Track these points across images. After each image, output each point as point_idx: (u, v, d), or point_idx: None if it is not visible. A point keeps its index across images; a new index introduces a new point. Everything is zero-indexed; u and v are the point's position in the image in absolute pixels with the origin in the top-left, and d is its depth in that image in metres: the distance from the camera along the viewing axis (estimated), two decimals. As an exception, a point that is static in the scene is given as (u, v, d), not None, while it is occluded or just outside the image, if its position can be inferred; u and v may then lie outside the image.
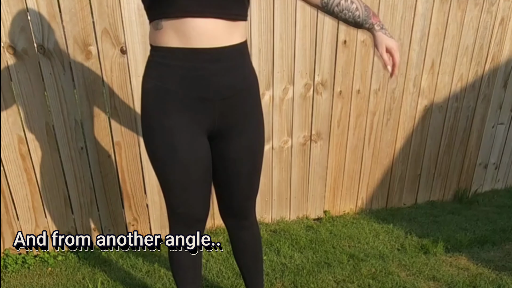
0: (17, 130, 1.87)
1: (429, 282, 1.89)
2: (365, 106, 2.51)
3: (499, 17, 2.63)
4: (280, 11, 2.12)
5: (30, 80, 1.82)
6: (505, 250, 2.21)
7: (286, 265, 2.04)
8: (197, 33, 1.01)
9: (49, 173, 1.99)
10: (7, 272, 1.94)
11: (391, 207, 2.89)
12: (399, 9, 2.35)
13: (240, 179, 1.25)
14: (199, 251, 1.32)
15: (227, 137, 1.18)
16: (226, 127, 1.16)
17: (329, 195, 2.68)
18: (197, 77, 1.06)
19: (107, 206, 2.15)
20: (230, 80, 1.10)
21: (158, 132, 1.11)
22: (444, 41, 2.55)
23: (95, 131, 2.00)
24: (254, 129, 1.22)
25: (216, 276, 1.93)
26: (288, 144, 2.43)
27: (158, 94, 1.09)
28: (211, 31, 1.02)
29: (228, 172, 1.23)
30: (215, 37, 1.03)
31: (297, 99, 2.34)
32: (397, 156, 2.75)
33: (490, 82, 2.82)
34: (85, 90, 1.92)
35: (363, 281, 1.88)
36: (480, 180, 3.16)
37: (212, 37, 1.02)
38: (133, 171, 2.14)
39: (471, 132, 2.92)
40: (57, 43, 1.81)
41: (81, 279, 1.90)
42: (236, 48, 1.08)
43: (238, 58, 1.11)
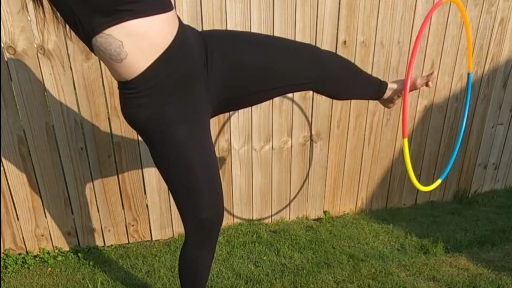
0: (17, 130, 1.87)
1: (429, 282, 1.89)
2: (365, 106, 2.51)
3: (499, 17, 2.63)
4: (280, 11, 2.12)
5: (30, 80, 1.82)
6: (505, 250, 2.21)
7: (286, 265, 2.04)
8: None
9: (49, 173, 1.99)
10: (7, 272, 1.94)
11: (391, 207, 2.89)
12: (399, 9, 2.35)
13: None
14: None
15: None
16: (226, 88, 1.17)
17: (329, 195, 2.68)
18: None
19: (107, 206, 2.15)
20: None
21: (183, 139, 1.10)
22: (444, 41, 2.55)
23: (95, 131, 2.00)
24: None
25: (216, 276, 1.93)
26: (288, 144, 2.43)
27: (162, 111, 1.09)
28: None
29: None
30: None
31: (297, 99, 2.34)
32: (397, 156, 2.75)
33: (490, 82, 2.82)
34: (85, 90, 1.92)
35: (363, 282, 1.88)
36: (479, 180, 3.16)
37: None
38: (133, 171, 2.14)
39: (471, 132, 2.92)
40: (57, 43, 1.81)
41: (81, 279, 1.90)
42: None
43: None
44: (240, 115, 2.25)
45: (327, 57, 1.37)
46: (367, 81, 1.47)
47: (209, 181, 1.16)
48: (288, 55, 1.24)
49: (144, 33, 0.97)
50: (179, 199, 1.19)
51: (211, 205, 1.19)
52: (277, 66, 1.22)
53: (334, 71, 1.35)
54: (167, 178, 1.17)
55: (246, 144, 2.34)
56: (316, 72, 1.30)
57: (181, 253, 1.29)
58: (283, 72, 1.24)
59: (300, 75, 1.28)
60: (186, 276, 1.33)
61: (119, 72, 1.02)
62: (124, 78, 1.04)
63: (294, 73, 1.26)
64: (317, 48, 1.39)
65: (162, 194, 2.24)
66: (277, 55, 1.22)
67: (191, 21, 1.95)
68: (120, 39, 0.96)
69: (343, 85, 1.41)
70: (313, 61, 1.29)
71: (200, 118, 1.14)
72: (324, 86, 1.36)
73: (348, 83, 1.42)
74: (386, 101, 1.55)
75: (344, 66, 1.41)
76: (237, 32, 1.29)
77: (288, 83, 1.28)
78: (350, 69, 1.43)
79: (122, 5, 0.93)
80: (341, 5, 2.22)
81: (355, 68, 1.45)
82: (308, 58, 1.28)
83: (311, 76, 1.30)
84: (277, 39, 1.43)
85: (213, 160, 1.18)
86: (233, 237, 2.30)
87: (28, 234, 2.05)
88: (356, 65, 1.49)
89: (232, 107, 1.39)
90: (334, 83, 1.37)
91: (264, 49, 1.21)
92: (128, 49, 0.97)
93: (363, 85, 1.46)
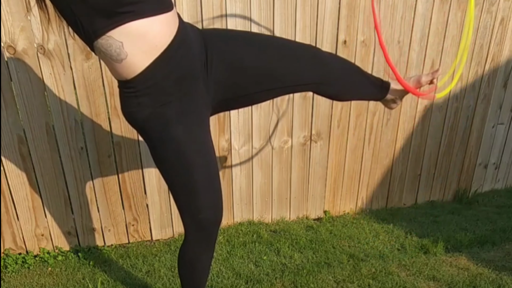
0: (17, 130, 1.87)
1: (429, 282, 1.89)
2: (365, 106, 2.51)
3: (499, 17, 2.63)
4: (280, 11, 2.12)
5: (30, 80, 1.82)
6: (505, 250, 2.21)
7: (286, 265, 2.04)
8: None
9: (49, 173, 1.99)
10: (7, 272, 1.94)
11: (391, 207, 2.89)
12: (399, 9, 2.35)
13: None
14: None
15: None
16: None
17: (329, 195, 2.68)
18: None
19: (107, 206, 2.15)
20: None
21: (182, 139, 1.10)
22: (444, 41, 2.55)
23: (95, 131, 2.00)
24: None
25: (216, 276, 1.93)
26: (288, 144, 2.43)
27: (162, 111, 1.09)
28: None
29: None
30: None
31: (297, 99, 2.34)
32: (397, 156, 2.75)
33: (490, 82, 2.82)
34: (85, 90, 1.92)
35: (363, 281, 1.87)
36: (480, 180, 3.16)
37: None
38: (133, 171, 2.14)
39: (471, 132, 2.92)
40: (57, 43, 1.81)
41: (81, 279, 1.90)
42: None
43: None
44: (240, 115, 2.25)
45: (328, 58, 1.37)
46: (369, 82, 1.45)
47: (208, 181, 1.16)
48: (288, 56, 1.24)
49: (144, 34, 0.98)
50: (178, 199, 1.19)
51: (210, 205, 1.19)
52: (277, 67, 1.22)
53: (335, 72, 1.34)
54: (167, 177, 1.17)
55: (246, 144, 2.34)
56: (316, 74, 1.30)
57: (180, 252, 1.29)
58: (283, 73, 1.24)
59: (301, 76, 1.27)
60: (185, 276, 1.33)
61: (119, 71, 1.03)
62: (124, 78, 1.04)
63: (294, 74, 1.26)
64: (318, 49, 1.39)
65: (162, 194, 2.24)
66: (278, 56, 1.22)
67: (191, 20, 1.94)
68: (120, 40, 0.96)
69: (344, 87, 1.41)
70: (313, 62, 1.29)
71: (199, 118, 1.14)
72: (325, 87, 1.35)
73: (349, 85, 1.42)
74: (389, 102, 1.53)
75: (345, 68, 1.40)
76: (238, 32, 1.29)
77: (288, 84, 1.27)
78: (351, 71, 1.42)
79: (122, 7, 0.93)
80: (341, 5, 2.22)
81: (357, 69, 1.44)
82: (309, 59, 1.28)
83: (311, 78, 1.29)
84: (278, 39, 1.43)
85: (213, 159, 1.18)
86: (233, 236, 2.30)
87: (28, 234, 2.05)
88: (357, 66, 1.48)
89: (231, 106, 1.39)
90: (335, 85, 1.36)
91: (264, 50, 1.21)
92: (128, 50, 0.98)
93: (365, 86, 1.45)
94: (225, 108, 1.36)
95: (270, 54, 1.21)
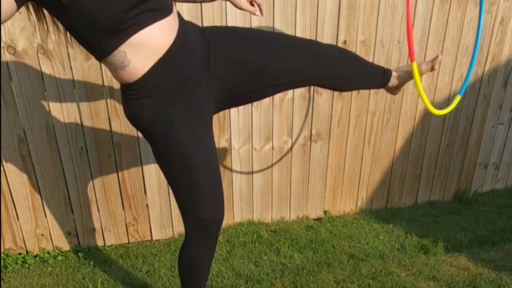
0: (17, 130, 1.87)
1: (429, 282, 1.89)
2: (365, 106, 2.51)
3: (499, 17, 2.63)
4: (280, 11, 2.12)
5: (30, 80, 1.82)
6: (505, 250, 2.21)
7: (286, 265, 2.04)
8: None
9: (49, 173, 1.99)
10: (7, 272, 1.94)
11: (391, 207, 2.89)
12: (399, 9, 2.35)
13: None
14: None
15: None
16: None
17: (329, 195, 2.68)
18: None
19: (107, 206, 2.15)
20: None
21: (185, 139, 1.11)
22: (444, 41, 2.55)
23: (95, 130, 2.00)
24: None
25: (216, 276, 1.93)
26: (288, 144, 2.43)
27: (164, 111, 1.09)
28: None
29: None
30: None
31: (297, 99, 2.34)
32: (397, 156, 2.75)
33: (490, 82, 2.82)
34: (85, 90, 1.92)
35: (363, 281, 1.87)
36: (480, 180, 3.16)
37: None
38: (133, 171, 2.14)
39: (471, 132, 2.92)
40: (57, 43, 1.81)
41: (81, 279, 1.90)
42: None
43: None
44: (240, 115, 2.25)
45: (329, 52, 1.37)
46: (371, 71, 1.47)
47: (210, 181, 1.16)
48: (290, 52, 1.25)
49: (146, 42, 1.00)
50: (180, 199, 1.19)
51: (212, 205, 1.18)
52: (280, 63, 1.22)
53: (337, 66, 1.35)
54: (169, 177, 1.17)
55: (246, 144, 2.34)
56: (319, 69, 1.30)
57: (181, 252, 1.29)
58: (286, 70, 1.24)
59: (303, 71, 1.28)
60: (186, 276, 1.33)
61: (122, 76, 1.05)
62: (126, 81, 1.06)
63: (297, 70, 1.26)
64: (319, 43, 1.39)
65: (162, 194, 2.24)
66: (280, 52, 1.23)
67: (191, 20, 1.94)
68: (123, 50, 0.99)
69: (347, 78, 1.42)
70: (315, 57, 1.29)
71: (202, 119, 1.14)
72: (329, 81, 1.37)
73: (352, 76, 1.43)
74: (392, 89, 1.55)
75: (347, 59, 1.41)
76: (239, 29, 1.29)
77: (291, 80, 1.28)
78: (353, 61, 1.43)
79: (124, 24, 0.96)
80: (341, 5, 2.22)
81: (358, 59, 1.45)
82: (311, 54, 1.29)
83: (314, 73, 1.30)
84: (280, 35, 1.44)
85: (214, 160, 1.18)
86: (233, 236, 2.30)
87: (28, 234, 2.05)
88: (358, 56, 1.50)
89: (235, 103, 1.39)
90: (337, 77, 1.38)
91: (266, 47, 1.22)
92: (131, 57, 1.00)
93: (367, 76, 1.47)
94: (229, 105, 1.37)
95: (272, 51, 1.22)
